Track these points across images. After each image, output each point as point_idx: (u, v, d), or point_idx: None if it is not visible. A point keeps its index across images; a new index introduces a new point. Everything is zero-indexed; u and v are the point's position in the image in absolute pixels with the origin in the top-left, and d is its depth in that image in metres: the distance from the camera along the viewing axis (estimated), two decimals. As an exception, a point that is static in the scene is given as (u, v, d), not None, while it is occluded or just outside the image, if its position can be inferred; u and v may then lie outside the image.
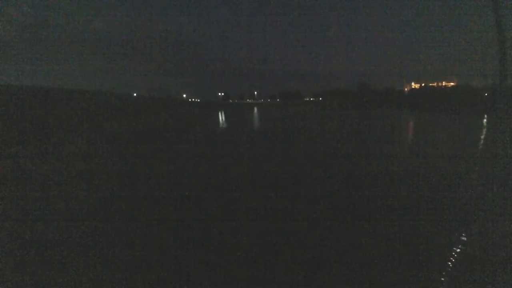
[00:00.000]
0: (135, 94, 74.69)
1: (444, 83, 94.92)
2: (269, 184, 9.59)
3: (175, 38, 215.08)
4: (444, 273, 4.53)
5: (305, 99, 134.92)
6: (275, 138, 21.90)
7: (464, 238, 5.64)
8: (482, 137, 20.02)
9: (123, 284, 4.41)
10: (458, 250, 5.23)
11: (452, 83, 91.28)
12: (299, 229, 6.28)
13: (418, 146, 17.31)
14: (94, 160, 13.12)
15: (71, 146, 15.62)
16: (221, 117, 52.93)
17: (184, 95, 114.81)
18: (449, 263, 4.82)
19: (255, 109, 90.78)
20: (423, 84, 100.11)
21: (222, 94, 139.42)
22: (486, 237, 5.71)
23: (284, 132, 25.41)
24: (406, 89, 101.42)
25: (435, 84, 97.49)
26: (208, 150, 16.68)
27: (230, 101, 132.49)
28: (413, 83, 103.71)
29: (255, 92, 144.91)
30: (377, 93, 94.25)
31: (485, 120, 32.93)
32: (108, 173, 11.16)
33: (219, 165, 12.54)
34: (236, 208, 7.50)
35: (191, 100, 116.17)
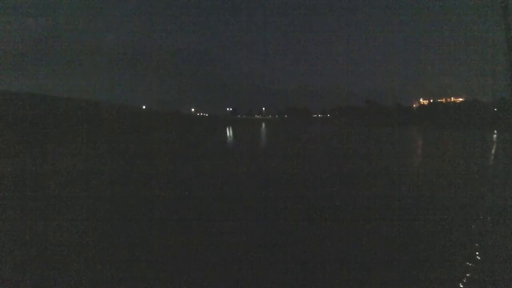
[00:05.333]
0: (144, 107, 77.48)
1: (452, 99, 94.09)
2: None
3: (184, 52, 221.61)
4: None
5: (313, 115, 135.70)
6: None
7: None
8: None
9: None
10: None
11: (460, 99, 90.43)
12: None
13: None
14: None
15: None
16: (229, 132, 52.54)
17: (193, 109, 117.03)
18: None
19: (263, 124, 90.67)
20: (431, 100, 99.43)
21: (231, 109, 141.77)
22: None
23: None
24: (414, 105, 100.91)
25: (443, 100, 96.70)
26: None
27: (238, 116, 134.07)
28: (421, 99, 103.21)
29: (263, 108, 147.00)
30: (385, 110, 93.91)
31: (495, 135, 32.47)
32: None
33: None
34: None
35: (199, 114, 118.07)
